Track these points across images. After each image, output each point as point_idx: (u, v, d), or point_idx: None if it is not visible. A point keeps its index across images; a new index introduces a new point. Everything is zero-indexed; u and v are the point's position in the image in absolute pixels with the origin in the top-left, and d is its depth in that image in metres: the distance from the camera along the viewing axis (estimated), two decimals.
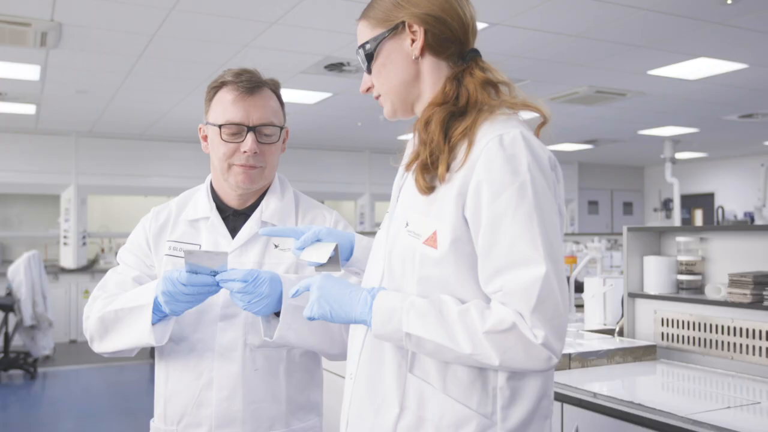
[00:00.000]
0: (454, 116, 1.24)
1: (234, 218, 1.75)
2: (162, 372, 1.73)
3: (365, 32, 1.35)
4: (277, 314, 1.54)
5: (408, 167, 1.29)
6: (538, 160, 1.18)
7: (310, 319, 1.29)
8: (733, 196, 12.38)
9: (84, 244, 9.43)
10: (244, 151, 1.65)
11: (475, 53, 1.31)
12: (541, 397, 1.23)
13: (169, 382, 1.70)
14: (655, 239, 2.82)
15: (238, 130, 1.66)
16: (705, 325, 2.50)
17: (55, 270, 9.14)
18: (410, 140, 1.35)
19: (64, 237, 9.36)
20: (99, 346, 1.70)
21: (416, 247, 1.22)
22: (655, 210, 13.13)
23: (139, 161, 9.78)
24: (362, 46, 1.34)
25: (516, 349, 1.11)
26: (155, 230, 1.76)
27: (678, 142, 10.02)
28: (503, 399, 1.20)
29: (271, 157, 1.71)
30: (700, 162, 13.09)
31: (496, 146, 1.17)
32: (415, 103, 1.34)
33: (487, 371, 1.20)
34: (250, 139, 1.65)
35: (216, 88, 1.71)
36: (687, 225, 12.33)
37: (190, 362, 1.67)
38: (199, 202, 1.77)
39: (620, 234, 6.10)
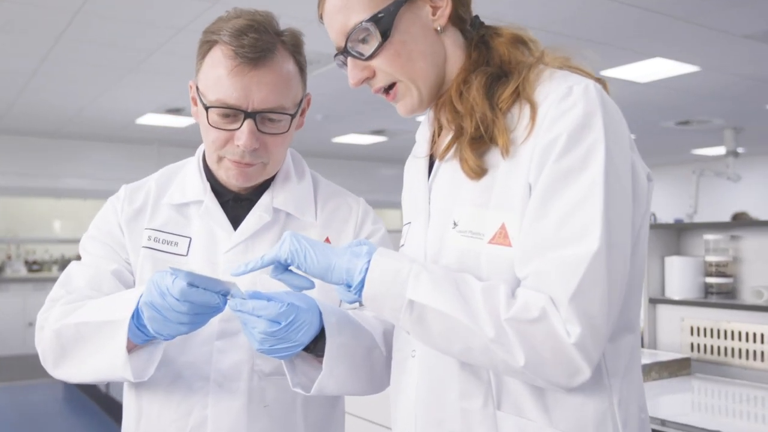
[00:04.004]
0: (495, 79, 1.01)
1: (235, 204, 1.31)
2: (132, 404, 1.26)
3: (358, 5, 1.03)
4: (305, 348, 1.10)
5: (446, 151, 1.03)
6: (612, 116, 0.95)
7: (272, 262, 0.99)
8: (660, 204, 12.55)
9: None
10: (238, 145, 1.19)
11: (479, 19, 1.10)
12: (640, 404, 1.00)
13: (143, 421, 1.24)
14: (674, 238, 2.52)
15: (232, 113, 1.19)
16: (746, 333, 2.21)
17: None
18: (421, 126, 1.14)
19: None
20: (54, 371, 1.22)
21: (479, 249, 0.96)
22: None
23: (52, 161, 9.14)
24: (372, 20, 1.01)
25: (544, 347, 0.87)
26: (129, 215, 1.30)
27: None
28: (622, 417, 0.94)
29: (276, 149, 1.24)
30: None
31: (564, 100, 0.93)
32: (441, 87, 1.08)
33: (595, 395, 0.93)
34: (246, 129, 1.18)
35: (209, 44, 1.21)
36: None
37: (174, 395, 1.21)
38: (188, 182, 1.32)
39: None
